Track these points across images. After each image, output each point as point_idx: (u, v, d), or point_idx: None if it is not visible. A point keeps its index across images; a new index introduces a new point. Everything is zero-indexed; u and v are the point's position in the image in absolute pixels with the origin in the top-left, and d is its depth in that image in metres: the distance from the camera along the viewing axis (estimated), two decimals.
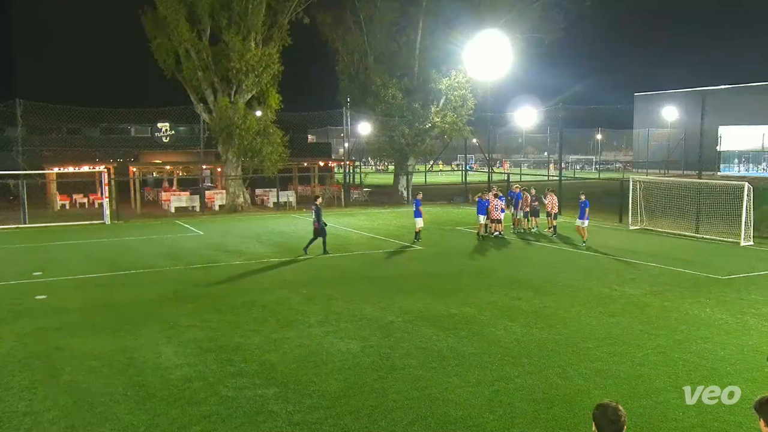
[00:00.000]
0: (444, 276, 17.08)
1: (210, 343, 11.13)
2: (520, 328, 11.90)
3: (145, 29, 33.41)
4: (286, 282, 16.30)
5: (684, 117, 66.84)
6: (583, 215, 21.89)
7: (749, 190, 21.73)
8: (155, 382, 9.35)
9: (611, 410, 4.14)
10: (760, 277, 16.41)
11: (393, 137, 38.64)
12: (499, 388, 8.97)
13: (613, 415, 4.12)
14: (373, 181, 51.98)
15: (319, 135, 76.97)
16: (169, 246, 22.51)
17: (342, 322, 12.42)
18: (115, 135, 47.39)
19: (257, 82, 33.88)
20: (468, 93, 37.36)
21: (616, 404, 4.17)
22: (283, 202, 36.37)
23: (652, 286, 15.40)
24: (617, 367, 9.81)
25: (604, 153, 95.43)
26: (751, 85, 66.36)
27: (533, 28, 38.05)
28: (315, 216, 20.15)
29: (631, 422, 7.69)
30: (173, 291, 15.29)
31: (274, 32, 34.79)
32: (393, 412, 8.23)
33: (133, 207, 34.88)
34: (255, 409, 8.37)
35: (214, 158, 39.18)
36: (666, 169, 65.97)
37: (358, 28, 39.11)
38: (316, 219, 20.10)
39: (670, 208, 25.23)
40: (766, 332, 11.55)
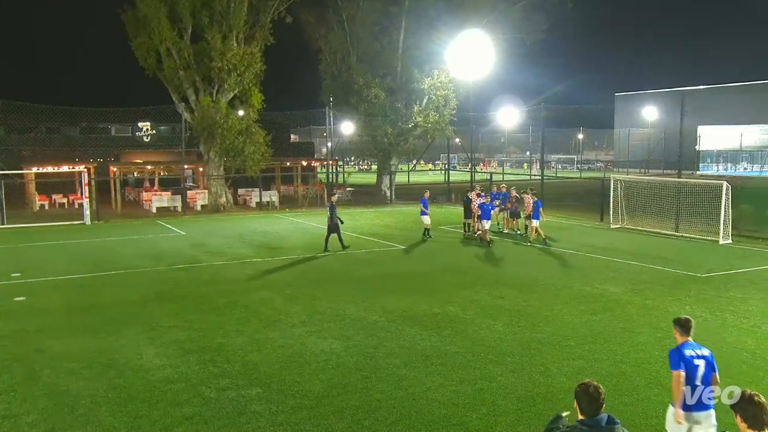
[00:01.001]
0: (427, 275, 17.12)
1: (192, 344, 11.05)
2: (502, 327, 11.96)
3: (125, 28, 33.09)
4: (269, 282, 16.24)
5: (664, 117, 67.57)
6: (537, 215, 22.19)
7: (728, 189, 22.00)
8: (137, 383, 9.27)
9: (592, 388, 4.38)
10: (738, 275, 16.64)
11: (376, 137, 38.66)
12: (483, 387, 9.01)
13: (594, 393, 4.36)
14: (356, 181, 51.96)
15: (301, 134, 76.79)
16: (151, 246, 22.32)
17: (325, 321, 12.40)
18: (95, 134, 46.86)
19: (239, 82, 33.70)
20: (450, 93, 37.46)
21: (596, 383, 4.42)
22: (265, 202, 36.21)
23: (633, 284, 15.55)
24: (599, 364, 9.90)
25: (586, 152, 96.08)
26: (729, 86, 67.32)
27: (515, 28, 38.23)
28: (330, 213, 20.87)
29: None
30: (155, 292, 15.16)
31: (256, 31, 34.62)
32: (377, 411, 8.24)
33: (113, 207, 34.54)
34: (238, 409, 8.33)
35: (196, 158, 38.93)
36: (646, 169, 66.68)
37: (341, 27, 39.08)
38: (330, 216, 20.77)
39: (650, 207, 25.49)
40: (744, 329, 11.72)
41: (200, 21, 33.01)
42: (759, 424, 4.06)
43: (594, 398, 4.35)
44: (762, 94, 62.23)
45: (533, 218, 22.28)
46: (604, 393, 4.36)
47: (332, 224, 20.70)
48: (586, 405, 4.37)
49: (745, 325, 12.01)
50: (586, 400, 4.37)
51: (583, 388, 4.42)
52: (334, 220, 20.71)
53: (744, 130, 67.10)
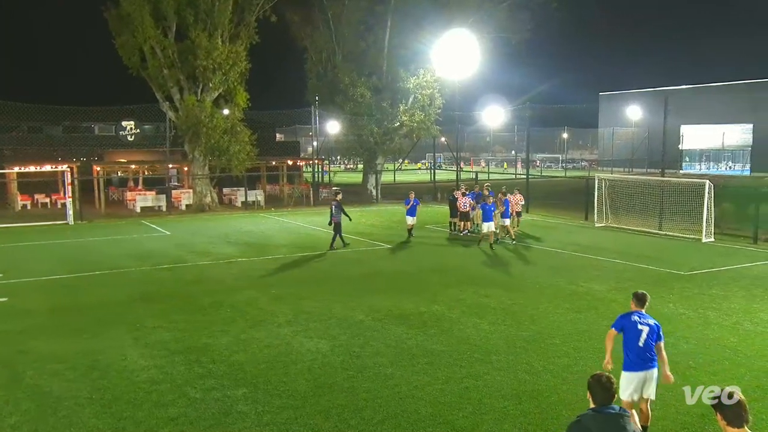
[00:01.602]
0: (413, 274, 17.14)
1: (177, 345, 10.99)
2: (488, 326, 12.01)
3: (108, 26, 32.79)
4: (254, 282, 16.18)
5: (647, 116, 68.17)
6: (508, 214, 22.20)
7: (710, 188, 22.24)
8: (121, 384, 9.20)
9: (605, 378, 4.59)
10: (720, 273, 16.83)
11: (362, 136, 38.64)
12: (468, 385, 9.04)
13: (607, 383, 4.56)
14: (341, 180, 51.89)
15: (287, 134, 76.56)
16: (135, 246, 22.16)
17: (311, 321, 12.38)
18: (78, 133, 46.38)
19: (224, 80, 33.52)
20: (436, 92, 37.53)
21: (609, 374, 4.62)
22: (251, 202, 36.06)
23: (618, 282, 15.67)
24: (584, 362, 9.96)
25: (570, 151, 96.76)
26: (711, 86, 68.03)
27: (500, 28, 38.38)
28: (336, 210, 21.00)
29: None
30: (139, 292, 15.05)
31: (241, 30, 34.46)
32: (363, 410, 8.24)
33: (97, 207, 34.22)
34: (224, 410, 8.30)
35: (181, 157, 38.67)
36: (630, 168, 67.22)
37: (326, 26, 39.02)
38: (337, 213, 20.96)
39: (634, 205, 25.70)
40: (726, 326, 11.85)
41: (185, 19, 32.78)
42: (739, 422, 4.11)
43: (606, 388, 4.53)
44: (743, 94, 62.98)
45: (504, 217, 22.21)
46: (616, 383, 4.56)
47: (336, 222, 20.99)
48: (599, 394, 4.54)
49: (727, 322, 12.15)
50: (599, 389, 4.54)
51: (596, 379, 4.60)
52: (337, 219, 20.94)
53: (726, 129, 67.87)
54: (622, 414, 4.43)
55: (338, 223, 21.03)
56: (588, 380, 4.65)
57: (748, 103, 62.43)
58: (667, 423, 7.87)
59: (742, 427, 4.10)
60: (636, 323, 7.30)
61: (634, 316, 7.40)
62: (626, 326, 7.33)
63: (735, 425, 4.11)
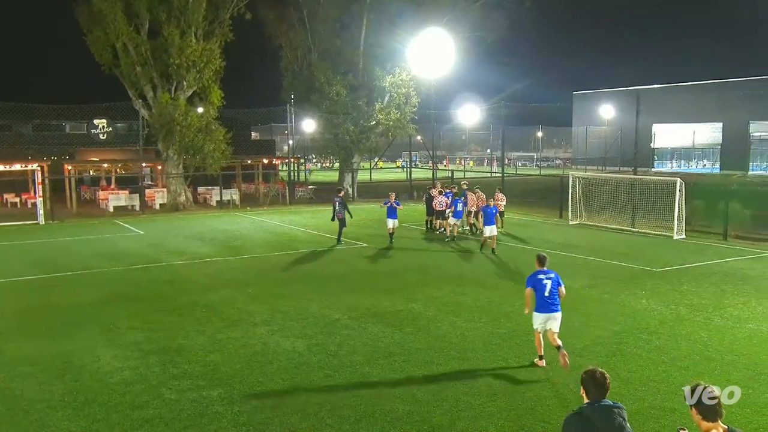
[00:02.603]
0: (390, 273, 17.16)
1: (151, 345, 10.87)
2: (465, 323, 12.08)
3: (79, 22, 32.27)
4: (230, 281, 16.07)
5: (620, 115, 68.99)
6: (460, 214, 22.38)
7: (681, 186, 22.62)
8: (94, 386, 9.08)
9: (599, 373, 4.62)
10: (691, 269, 17.12)
11: (338, 134, 38.55)
12: (445, 383, 9.08)
13: (600, 378, 4.60)
14: (318, 179, 51.75)
15: (262, 132, 76.13)
16: (108, 246, 21.85)
17: (288, 320, 12.33)
18: (49, 132, 45.63)
19: (198, 78, 33.22)
20: (412, 91, 37.58)
21: (602, 369, 4.66)
22: (226, 201, 35.78)
23: (591, 279, 15.87)
24: (559, 359, 10.05)
25: (545, 150, 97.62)
26: (682, 85, 69.11)
27: (475, 27, 38.57)
28: (339, 206, 21.61)
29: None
30: (113, 292, 14.86)
31: (215, 27, 34.17)
32: (340, 409, 8.23)
33: (69, 206, 33.67)
34: (199, 411, 8.23)
35: (155, 156, 38.22)
36: (603, 166, 68.01)
37: (302, 24, 38.83)
38: (340, 210, 21.57)
39: (607, 203, 26.04)
40: (697, 321, 12.06)
41: (158, 16, 32.39)
42: (713, 416, 4.19)
43: (600, 383, 4.58)
44: (713, 93, 64.08)
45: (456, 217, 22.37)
46: (610, 378, 4.59)
47: (342, 218, 21.63)
48: (593, 390, 4.59)
49: (699, 317, 12.37)
50: (593, 384, 4.59)
51: (589, 374, 4.64)
52: (341, 215, 21.58)
53: (696, 128, 69.01)
54: (618, 406, 4.52)
55: (342, 219, 21.66)
56: (582, 375, 4.70)
57: (718, 103, 63.53)
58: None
59: (716, 422, 4.19)
60: (541, 279, 9.67)
61: (540, 275, 9.73)
62: (535, 283, 9.67)
63: (710, 419, 4.20)
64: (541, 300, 9.63)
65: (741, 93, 60.29)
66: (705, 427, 4.21)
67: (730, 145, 65.49)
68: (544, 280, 9.63)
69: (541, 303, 9.63)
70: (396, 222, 21.99)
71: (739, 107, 62.09)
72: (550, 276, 9.70)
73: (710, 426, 4.19)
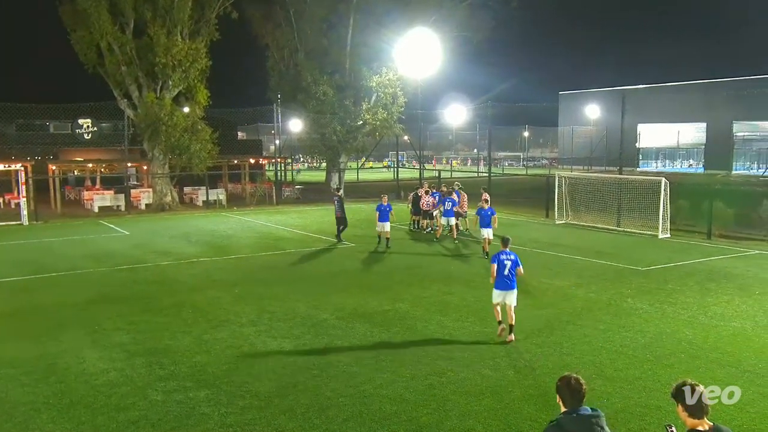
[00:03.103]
0: (377, 273, 17.16)
1: (137, 347, 10.80)
2: (452, 323, 12.10)
3: (63, 21, 31.97)
4: (217, 282, 15.99)
5: (605, 115, 69.45)
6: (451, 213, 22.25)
7: (666, 185, 22.80)
8: (79, 388, 9.00)
9: (574, 380, 4.46)
10: (676, 268, 17.27)
11: (325, 134, 38.50)
12: (432, 383, 9.10)
13: (576, 384, 4.45)
14: (305, 179, 51.63)
15: (249, 132, 75.84)
16: (93, 247, 21.67)
17: (275, 321, 12.29)
18: (33, 131, 45.14)
19: (184, 78, 33.02)
20: (398, 90, 37.61)
21: (577, 375, 4.49)
22: (212, 201, 35.61)
23: (578, 278, 15.95)
24: (545, 358, 10.12)
25: (531, 150, 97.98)
26: (666, 85, 69.64)
27: (462, 27, 38.68)
28: (337, 205, 22.02)
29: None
30: (98, 293, 14.74)
31: (201, 27, 33.99)
32: (328, 410, 8.22)
33: (53, 207, 33.37)
34: (186, 412, 8.18)
35: (140, 156, 37.95)
36: (589, 165, 68.40)
37: (288, 24, 38.75)
38: (338, 208, 21.97)
39: (593, 203, 26.19)
40: (682, 320, 12.17)
41: (143, 15, 32.17)
42: (699, 413, 4.23)
43: (576, 390, 4.44)
44: (697, 94, 64.63)
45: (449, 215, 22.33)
46: (586, 384, 4.46)
47: (341, 217, 21.95)
48: (568, 397, 4.45)
49: (683, 316, 12.48)
50: (568, 392, 4.46)
51: (564, 381, 4.50)
52: (339, 213, 21.94)
53: (681, 128, 69.60)
54: (596, 415, 4.38)
55: (340, 218, 21.95)
56: (557, 383, 4.54)
57: (702, 103, 64.11)
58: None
59: (702, 419, 4.23)
60: (503, 260, 11.17)
61: (502, 255, 11.23)
62: (498, 261, 11.19)
63: (696, 416, 4.24)
64: (500, 278, 11.14)
65: (724, 93, 60.91)
66: (691, 424, 4.25)
67: (713, 145, 66.11)
68: (505, 261, 11.15)
69: (500, 280, 11.15)
70: (387, 226, 20.91)
71: (722, 107, 62.70)
72: (511, 257, 11.18)
73: (696, 423, 4.23)
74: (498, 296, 11.22)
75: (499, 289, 11.18)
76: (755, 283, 15.31)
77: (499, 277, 11.12)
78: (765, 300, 13.66)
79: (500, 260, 11.16)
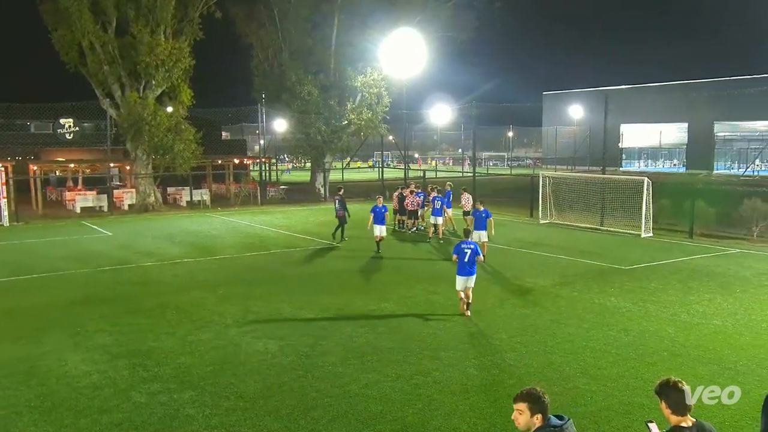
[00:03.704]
0: (362, 273, 17.16)
1: (120, 348, 10.70)
2: (437, 322, 12.13)
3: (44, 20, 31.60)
4: (201, 283, 15.90)
5: (589, 115, 69.90)
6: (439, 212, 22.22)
7: (648, 185, 23.01)
8: (61, 391, 8.91)
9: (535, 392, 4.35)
10: (659, 266, 17.43)
11: (309, 134, 38.38)
12: (418, 382, 9.11)
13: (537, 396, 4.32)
14: (289, 179, 51.47)
15: (233, 132, 75.41)
16: (76, 248, 21.46)
17: (259, 321, 12.25)
18: (13, 131, 44.55)
19: (167, 77, 32.77)
20: (383, 90, 37.57)
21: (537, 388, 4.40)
22: (196, 201, 35.39)
23: (562, 277, 16.05)
24: (530, 356, 10.17)
25: (516, 150, 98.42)
26: (649, 86, 70.26)
27: (446, 27, 38.74)
28: (339, 205, 22.02)
29: None
30: (80, 295, 14.59)
31: (184, 26, 33.77)
32: (313, 410, 8.20)
33: (34, 208, 32.99)
34: (170, 414, 8.13)
35: (123, 156, 37.63)
36: (573, 165, 68.84)
37: (273, 23, 38.58)
38: (340, 208, 21.97)
39: (577, 202, 26.37)
40: (664, 318, 12.29)
41: (125, 14, 31.90)
42: (682, 410, 4.26)
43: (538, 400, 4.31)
44: (679, 94, 65.20)
45: None
46: (547, 395, 4.35)
47: (340, 216, 22.00)
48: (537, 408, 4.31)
49: (665, 314, 12.60)
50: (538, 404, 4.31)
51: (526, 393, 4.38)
52: (341, 212, 21.99)
53: (663, 128, 70.26)
54: (564, 426, 4.27)
55: (341, 217, 21.99)
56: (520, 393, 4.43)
57: (684, 103, 64.69)
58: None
59: (685, 416, 4.27)
60: (463, 249, 12.47)
61: (463, 245, 12.55)
62: (459, 251, 12.47)
63: (679, 413, 4.27)
64: (462, 265, 12.42)
65: (706, 94, 61.54)
66: (674, 421, 4.28)
67: (695, 145, 66.79)
68: (465, 249, 12.44)
69: (461, 267, 12.43)
70: (384, 229, 20.21)
71: (703, 108, 63.33)
72: (471, 246, 12.49)
73: (679, 419, 4.27)
74: (461, 282, 12.48)
75: (461, 275, 12.46)
76: (736, 281, 15.50)
77: (461, 264, 12.42)
78: (745, 298, 13.84)
79: (461, 249, 12.47)
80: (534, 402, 4.29)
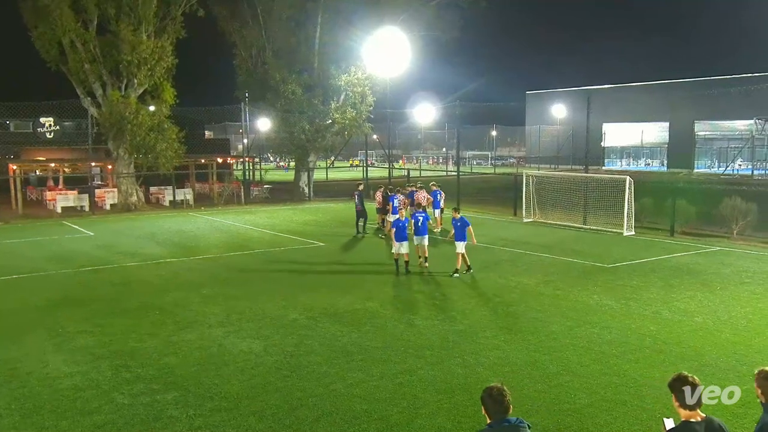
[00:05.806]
0: (347, 272, 17.15)
1: (103, 349, 10.61)
2: (421, 321, 12.15)
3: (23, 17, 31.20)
4: (184, 283, 15.79)
5: (572, 114, 70.33)
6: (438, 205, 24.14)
7: (630, 184, 23.21)
8: (43, 393, 8.81)
9: (496, 391, 4.36)
10: (641, 265, 17.59)
11: (293, 133, 38.24)
12: (403, 381, 9.12)
13: (498, 396, 4.33)
14: (273, 178, 51.27)
15: (217, 131, 75.07)
16: (56, 248, 21.22)
17: (244, 321, 12.20)
18: None
19: (150, 76, 32.49)
20: (367, 89, 37.52)
21: (501, 385, 4.38)
22: (179, 201, 35.14)
23: (545, 275, 16.15)
24: (514, 354, 10.23)
25: (499, 149, 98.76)
26: (631, 85, 70.87)
27: (430, 26, 38.75)
28: (358, 200, 23.63)
29: (527, 405, 8.06)
30: (61, 296, 14.44)
31: (167, 24, 33.49)
32: (298, 410, 8.19)
33: (14, 207, 32.57)
34: (153, 415, 8.07)
35: (105, 155, 37.26)
36: (556, 164, 69.26)
37: (256, 22, 38.37)
38: (359, 203, 23.55)
39: (560, 201, 26.52)
40: (646, 315, 12.41)
41: (106, 12, 31.59)
42: (694, 406, 4.39)
43: (498, 401, 4.33)
44: (661, 94, 65.82)
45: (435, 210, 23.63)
46: (509, 394, 4.35)
47: (361, 210, 23.36)
48: (492, 408, 4.36)
49: (648, 311, 12.72)
50: (491, 403, 4.36)
51: (487, 393, 4.39)
52: (359, 207, 23.39)
53: (645, 127, 70.91)
54: (519, 425, 4.29)
55: (360, 211, 23.38)
56: (481, 396, 4.45)
57: (665, 103, 65.33)
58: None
59: (695, 411, 4.38)
60: (418, 217, 16.99)
61: (417, 214, 17.13)
62: (415, 218, 17.05)
63: (690, 409, 4.40)
64: (416, 228, 16.88)
65: (686, 94, 62.21)
66: (684, 415, 4.43)
67: (676, 144, 67.45)
68: (419, 217, 16.99)
69: (416, 230, 16.89)
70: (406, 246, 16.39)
71: (684, 107, 64.00)
72: (422, 215, 17.13)
73: (689, 414, 4.40)
74: (416, 239, 16.95)
75: (417, 235, 16.90)
76: (716, 279, 15.69)
77: (416, 228, 16.85)
78: (726, 295, 14.01)
79: (416, 218, 17.07)
80: (481, 399, 4.44)
